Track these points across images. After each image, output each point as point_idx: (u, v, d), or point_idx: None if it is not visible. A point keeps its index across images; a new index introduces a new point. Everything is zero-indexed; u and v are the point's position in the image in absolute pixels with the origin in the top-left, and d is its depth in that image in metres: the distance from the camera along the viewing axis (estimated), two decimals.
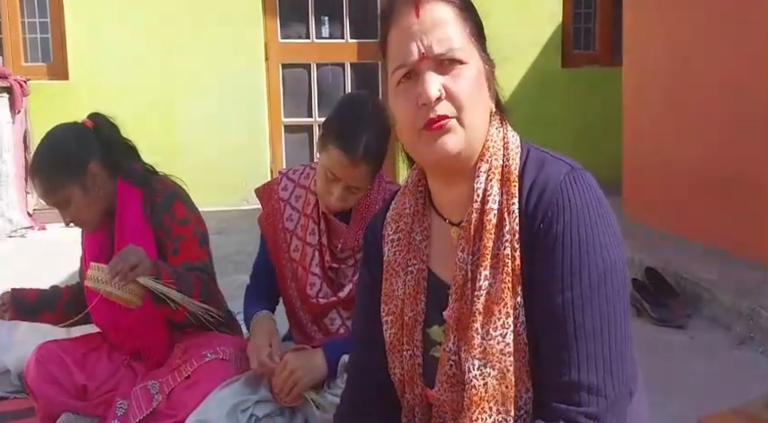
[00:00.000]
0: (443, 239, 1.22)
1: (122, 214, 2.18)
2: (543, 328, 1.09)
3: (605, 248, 1.09)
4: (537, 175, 1.14)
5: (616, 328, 1.08)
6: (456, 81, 1.11)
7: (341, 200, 1.90)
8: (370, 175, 1.90)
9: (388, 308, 1.23)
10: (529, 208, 1.12)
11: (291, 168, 2.14)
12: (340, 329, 2.01)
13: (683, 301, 3.36)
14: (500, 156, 1.16)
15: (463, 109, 1.11)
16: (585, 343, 1.06)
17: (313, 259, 2.00)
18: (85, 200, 2.13)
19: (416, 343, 1.20)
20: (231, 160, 6.10)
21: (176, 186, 2.25)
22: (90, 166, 2.13)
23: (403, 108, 1.14)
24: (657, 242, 4.10)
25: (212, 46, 6.08)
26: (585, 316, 1.07)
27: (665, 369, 2.61)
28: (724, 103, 3.85)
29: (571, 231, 1.09)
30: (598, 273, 1.08)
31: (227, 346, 2.12)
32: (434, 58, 1.11)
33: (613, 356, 1.07)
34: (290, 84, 6.51)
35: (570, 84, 6.38)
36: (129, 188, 2.19)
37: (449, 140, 1.12)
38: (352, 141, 1.82)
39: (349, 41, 6.45)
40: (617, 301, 1.09)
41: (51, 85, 5.96)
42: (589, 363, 1.06)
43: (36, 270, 4.20)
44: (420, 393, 1.22)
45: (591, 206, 1.11)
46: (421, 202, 1.25)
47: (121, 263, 1.84)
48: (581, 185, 1.12)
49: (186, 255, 2.13)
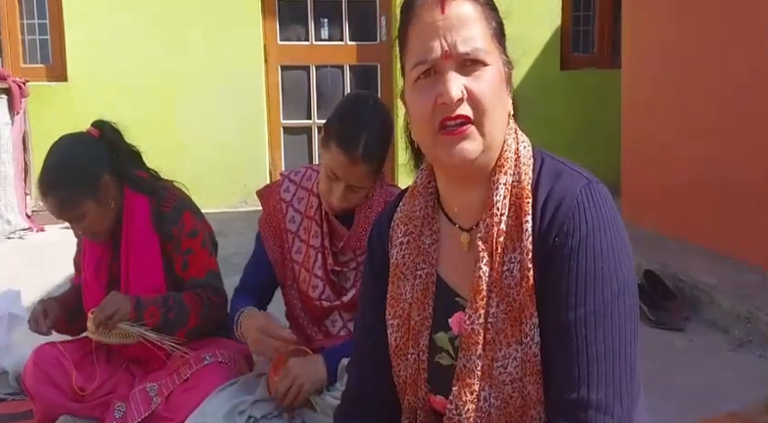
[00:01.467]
0: (451, 244, 1.20)
1: (130, 223, 2.17)
2: (553, 343, 1.08)
3: (620, 267, 1.08)
4: (552, 188, 1.11)
5: (627, 347, 1.07)
6: (478, 83, 1.09)
7: (342, 199, 1.90)
8: (371, 175, 1.89)
9: (395, 311, 1.21)
10: (543, 224, 1.10)
11: (293, 170, 2.14)
12: (341, 332, 2.01)
13: (681, 304, 3.36)
14: (514, 171, 1.14)
15: (483, 112, 1.09)
16: (597, 361, 1.06)
17: (316, 262, 2.00)
18: (99, 213, 2.13)
19: (422, 348, 1.19)
20: (230, 162, 6.10)
21: (184, 195, 2.25)
22: (103, 179, 2.12)
23: (420, 105, 1.11)
24: (656, 245, 4.11)
25: (212, 48, 6.08)
26: (598, 333, 1.06)
27: (664, 372, 2.61)
28: (723, 105, 3.86)
29: (587, 247, 1.07)
30: (612, 290, 1.07)
31: (226, 350, 2.13)
32: (457, 57, 1.08)
33: (623, 375, 1.07)
34: (289, 86, 6.51)
35: (569, 86, 6.39)
36: (137, 196, 2.19)
37: (467, 146, 1.09)
38: (352, 141, 1.82)
39: (348, 44, 6.45)
40: (629, 320, 1.08)
41: (50, 87, 5.95)
42: (599, 381, 1.05)
43: (34, 271, 4.19)
44: (423, 397, 1.21)
45: (607, 222, 1.09)
46: (431, 205, 1.23)
47: (99, 314, 1.99)
48: (597, 200, 1.10)
49: (196, 268, 2.16)
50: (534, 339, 1.09)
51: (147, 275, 2.16)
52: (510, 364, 1.09)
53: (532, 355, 1.09)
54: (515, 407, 1.10)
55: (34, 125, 5.70)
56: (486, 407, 1.10)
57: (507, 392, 1.10)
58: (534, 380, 1.09)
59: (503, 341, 1.10)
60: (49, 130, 5.68)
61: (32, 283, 3.80)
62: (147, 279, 2.16)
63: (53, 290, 3.80)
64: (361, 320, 1.34)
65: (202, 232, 2.20)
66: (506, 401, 1.10)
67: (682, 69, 4.23)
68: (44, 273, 4.16)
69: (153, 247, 2.15)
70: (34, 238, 5.32)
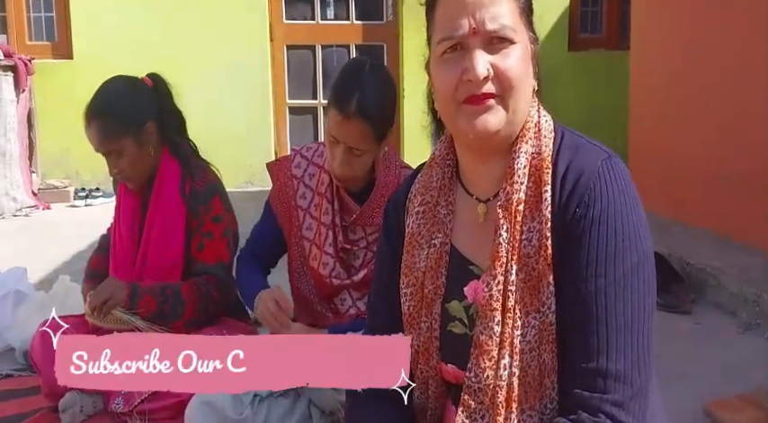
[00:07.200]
0: (467, 215, 1.20)
1: (161, 185, 2.19)
2: (572, 314, 1.08)
3: (640, 239, 1.08)
4: (572, 161, 1.12)
5: (645, 319, 1.07)
6: (504, 60, 1.09)
7: (344, 164, 1.88)
8: (369, 136, 1.86)
9: (408, 280, 1.22)
10: (563, 195, 1.10)
11: (305, 146, 2.12)
12: (350, 310, 2.00)
13: (687, 287, 3.35)
14: (536, 143, 1.14)
15: (508, 90, 1.09)
16: (616, 331, 1.05)
17: (326, 239, 1.99)
18: (137, 157, 2.15)
19: (435, 317, 1.20)
20: (236, 142, 6.08)
21: (217, 180, 2.26)
22: (148, 125, 2.15)
23: (445, 80, 1.11)
24: (663, 228, 4.09)
25: (217, 26, 6.04)
26: (618, 304, 1.06)
27: (671, 354, 2.60)
28: (734, 88, 3.82)
29: (608, 218, 1.07)
30: (632, 262, 1.07)
31: (234, 331, 2.13)
32: (485, 34, 1.08)
33: (641, 346, 1.06)
34: (295, 66, 6.47)
35: (577, 67, 6.34)
36: (171, 162, 2.20)
37: (490, 119, 1.10)
38: (346, 97, 1.83)
39: (354, 23, 6.40)
40: (648, 291, 1.08)
41: (55, 64, 5.94)
42: (618, 351, 1.05)
43: (40, 249, 4.20)
44: (435, 366, 1.21)
45: (627, 195, 1.09)
46: (448, 176, 1.23)
47: (94, 299, 2.03)
48: (618, 173, 1.10)
49: (208, 254, 2.16)
50: (551, 308, 1.09)
51: (168, 244, 2.17)
52: (529, 333, 1.10)
53: (549, 323, 1.09)
54: (533, 376, 1.10)
55: (39, 103, 5.69)
56: (505, 375, 1.10)
57: (526, 361, 1.10)
58: (550, 349, 1.09)
59: (521, 309, 1.10)
60: (53, 108, 5.71)
61: (38, 261, 3.81)
62: (167, 248, 2.17)
63: (60, 267, 3.81)
64: (374, 291, 1.34)
65: (227, 221, 2.20)
66: (525, 370, 1.10)
67: (692, 51, 4.18)
68: (50, 250, 4.16)
69: (179, 217, 2.17)
70: (40, 216, 5.32)
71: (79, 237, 4.29)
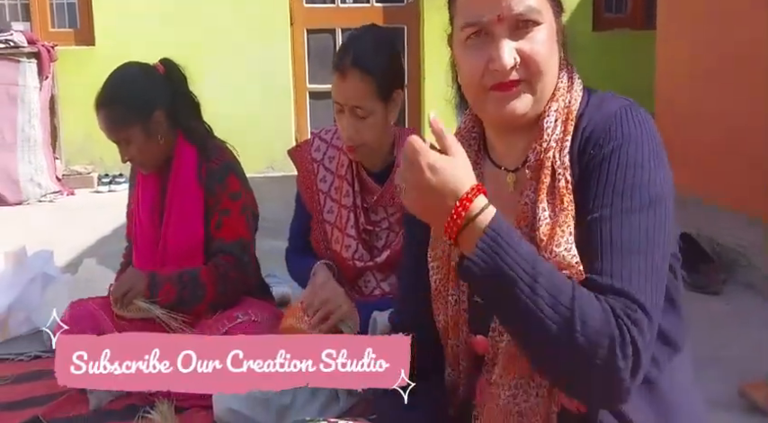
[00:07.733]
0: (496, 186, 1.18)
1: (178, 168, 2.21)
2: (581, 245, 1.05)
3: (654, 181, 1.05)
4: (595, 114, 1.12)
5: (653, 250, 1.03)
6: (531, 44, 1.09)
7: (351, 129, 1.86)
8: (370, 90, 1.84)
9: (435, 253, 1.20)
10: (583, 140, 1.10)
11: (324, 129, 2.11)
12: (375, 291, 1.99)
13: (717, 267, 3.30)
14: (566, 97, 1.14)
15: (536, 74, 1.09)
16: (621, 254, 1.02)
17: (348, 221, 1.97)
18: (146, 145, 2.16)
19: (462, 288, 1.18)
20: (256, 127, 6.06)
21: (233, 158, 2.27)
22: (156, 113, 2.15)
23: (471, 65, 1.11)
24: (691, 209, 4.02)
25: (237, 11, 6.02)
26: (624, 231, 1.03)
27: (703, 335, 2.55)
28: (765, 66, 3.73)
29: (619, 155, 1.05)
30: (641, 199, 1.04)
31: (260, 310, 2.13)
32: (510, 19, 1.07)
33: (649, 276, 1.02)
34: (315, 49, 6.44)
35: (601, 47, 6.24)
36: (187, 147, 2.22)
37: (518, 105, 1.10)
38: (342, 55, 1.85)
39: (374, 6, 6.36)
40: (658, 230, 1.04)
41: (78, 51, 5.95)
42: (624, 272, 1.01)
43: (66, 233, 4.23)
44: (465, 340, 1.20)
45: (645, 137, 1.07)
46: (474, 149, 1.22)
47: (116, 291, 2.10)
48: (637, 117, 1.09)
49: (227, 231, 2.16)
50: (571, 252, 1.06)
51: (187, 228, 2.20)
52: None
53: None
54: None
55: (62, 89, 5.71)
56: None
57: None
58: None
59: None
60: (76, 95, 5.72)
61: (64, 244, 3.84)
62: (187, 232, 2.20)
63: (85, 251, 3.85)
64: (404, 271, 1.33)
65: (244, 198, 2.20)
66: None
67: (720, 30, 4.09)
68: (75, 234, 4.20)
69: (197, 200, 2.17)
70: (64, 202, 5.36)
71: (104, 222, 4.33)
